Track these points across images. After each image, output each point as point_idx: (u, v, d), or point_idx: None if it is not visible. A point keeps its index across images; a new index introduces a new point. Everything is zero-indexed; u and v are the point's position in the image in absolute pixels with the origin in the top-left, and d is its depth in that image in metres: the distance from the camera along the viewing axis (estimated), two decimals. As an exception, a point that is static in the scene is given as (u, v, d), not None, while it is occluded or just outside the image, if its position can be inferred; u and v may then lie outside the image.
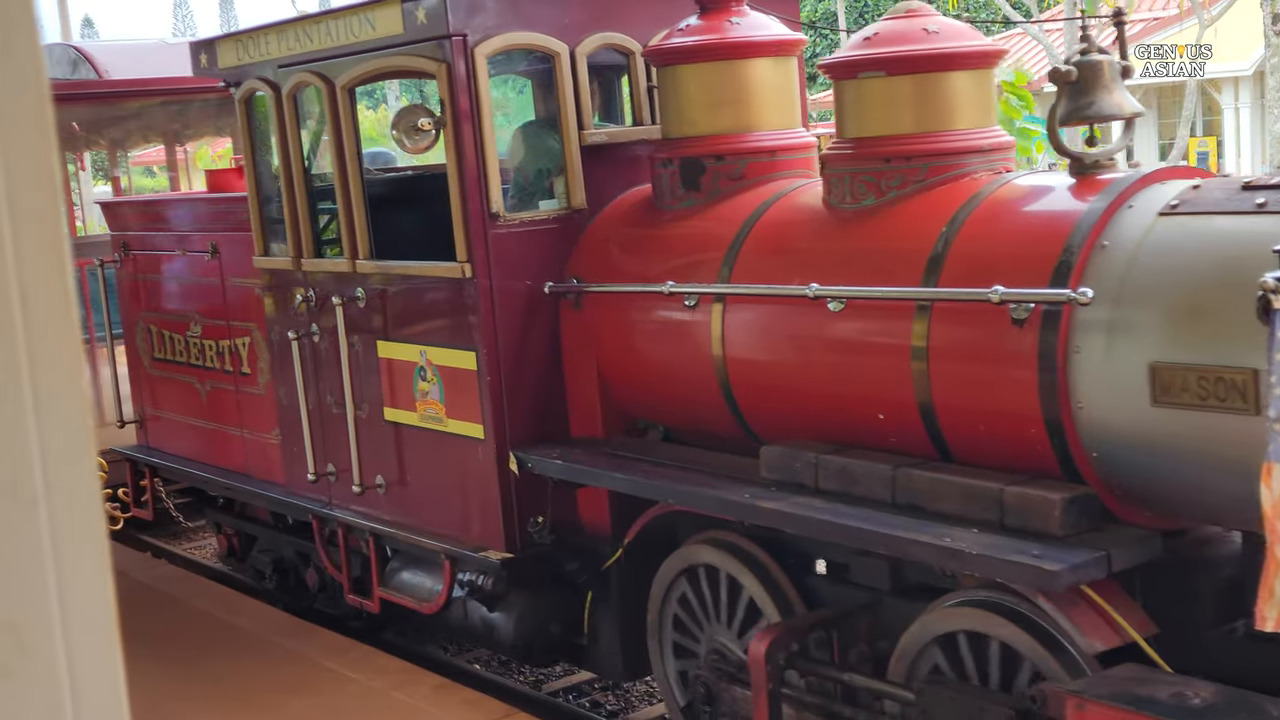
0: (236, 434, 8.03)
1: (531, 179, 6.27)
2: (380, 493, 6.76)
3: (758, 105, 5.74)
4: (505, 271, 5.99)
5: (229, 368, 7.98)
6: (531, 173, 6.30)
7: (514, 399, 6.03)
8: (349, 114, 6.49)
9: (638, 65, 6.33)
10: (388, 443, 6.68)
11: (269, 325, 7.40)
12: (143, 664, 6.64)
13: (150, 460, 8.93)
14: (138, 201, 9.28)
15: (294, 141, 6.87)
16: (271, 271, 7.27)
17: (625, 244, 5.99)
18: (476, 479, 6.15)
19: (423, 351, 6.31)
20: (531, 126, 6.49)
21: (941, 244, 4.67)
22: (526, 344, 6.07)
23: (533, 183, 6.30)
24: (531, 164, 6.31)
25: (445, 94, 5.87)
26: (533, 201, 6.17)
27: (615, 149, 6.25)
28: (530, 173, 6.24)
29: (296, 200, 6.91)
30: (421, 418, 6.40)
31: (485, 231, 5.93)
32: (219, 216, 7.86)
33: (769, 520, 4.80)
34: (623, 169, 6.29)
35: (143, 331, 8.87)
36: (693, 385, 5.57)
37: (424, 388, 6.35)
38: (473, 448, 6.12)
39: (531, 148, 6.35)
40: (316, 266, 6.90)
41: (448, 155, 5.93)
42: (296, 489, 7.41)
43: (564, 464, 5.70)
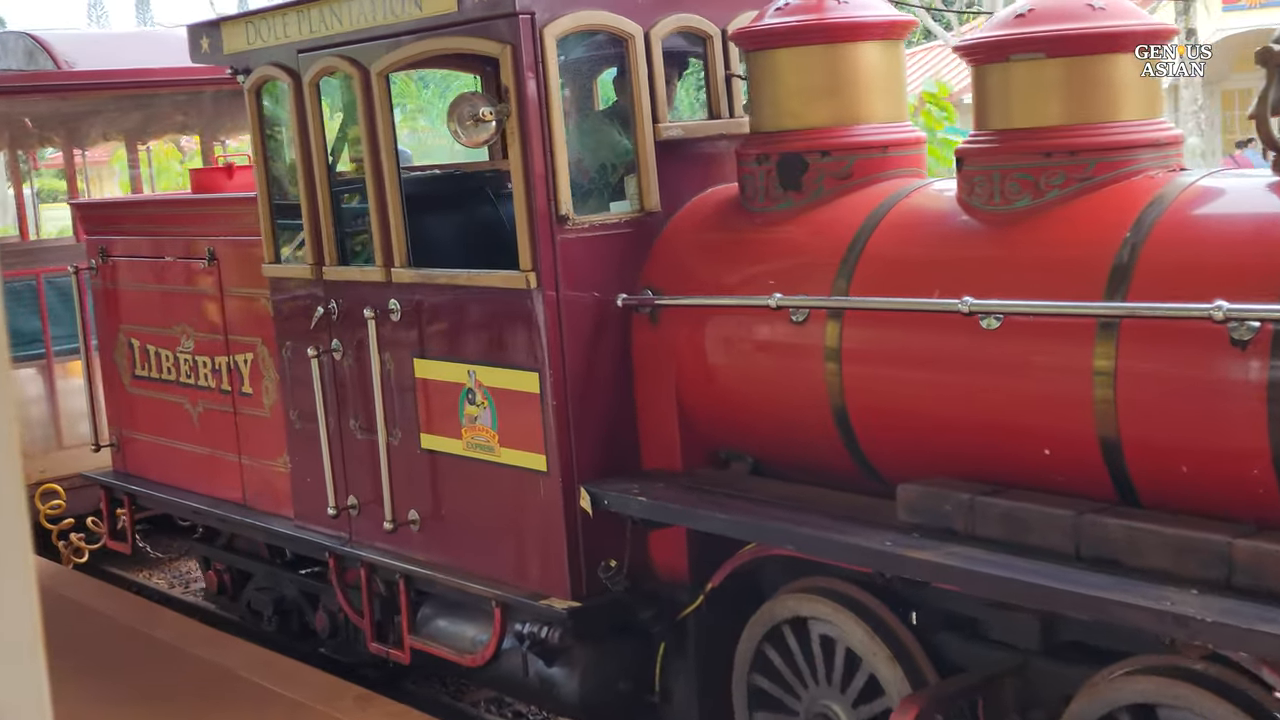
0: (234, 460, 7.25)
1: (592, 178, 5.57)
2: (413, 529, 6.02)
3: (866, 95, 5.07)
4: (573, 281, 5.28)
5: (227, 387, 7.20)
6: (592, 171, 5.59)
7: (581, 426, 5.32)
8: (385, 104, 5.76)
9: (715, 50, 5.64)
10: (423, 473, 5.94)
11: (279, 340, 6.63)
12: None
13: (129, 488, 8.11)
14: (119, 203, 8.47)
15: (317, 135, 6.12)
16: (283, 280, 6.52)
17: (709, 251, 5.30)
18: (536, 516, 5.43)
19: (471, 371, 5.59)
20: (590, 119, 5.78)
21: (1127, 252, 4.02)
22: (595, 364, 5.36)
23: (593, 183, 5.59)
24: (591, 161, 5.60)
25: (510, 79, 5.15)
26: (599, 203, 5.46)
27: (687, 145, 5.56)
28: (590, 171, 5.53)
29: (319, 201, 6.16)
30: (467, 446, 5.67)
31: (553, 236, 5.22)
32: (217, 219, 7.09)
33: (926, 574, 4.13)
34: (696, 167, 5.61)
35: (122, 346, 8.06)
36: (796, 411, 4.89)
37: (472, 412, 5.62)
38: (532, 481, 5.40)
39: (591, 143, 5.65)
40: (341, 275, 6.15)
41: (511, 149, 5.22)
42: (309, 523, 6.65)
43: (649, 502, 5.00)
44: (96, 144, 13.84)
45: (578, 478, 5.30)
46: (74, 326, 9.89)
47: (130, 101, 10.72)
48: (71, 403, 10.01)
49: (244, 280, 6.94)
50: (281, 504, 6.93)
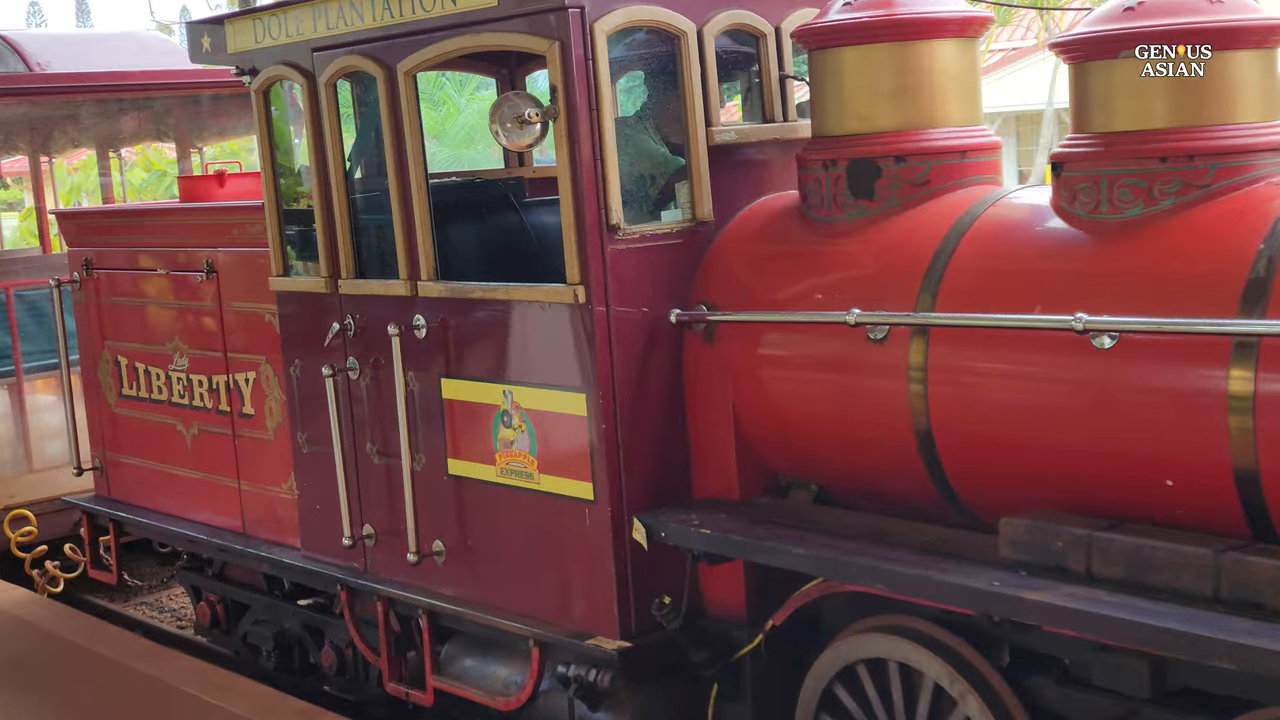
0: (232, 486, 6.81)
1: (632, 186, 5.18)
2: (438, 561, 5.61)
3: (941, 96, 4.73)
4: (623, 296, 4.90)
5: (225, 407, 6.77)
6: (628, 181, 5.19)
7: (631, 452, 4.94)
8: (412, 106, 5.36)
9: (767, 50, 5.28)
10: (450, 502, 5.54)
11: (286, 358, 6.21)
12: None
13: (115, 514, 7.65)
14: (107, 212, 8.01)
15: (334, 139, 5.71)
16: (293, 295, 6.10)
17: (768, 264, 4.93)
18: (580, 548, 5.04)
19: (507, 392, 5.19)
20: (630, 122, 5.40)
21: (1263, 265, 3.68)
22: (645, 385, 4.98)
23: (628, 194, 5.19)
24: (627, 171, 5.20)
25: (558, 78, 4.77)
26: (637, 215, 5.08)
27: (736, 150, 5.20)
28: (631, 179, 5.13)
29: (335, 210, 5.75)
30: (502, 472, 5.27)
31: (603, 247, 4.84)
32: (217, 230, 6.66)
33: (1046, 618, 3.76)
34: (746, 174, 5.25)
35: (107, 364, 7.61)
36: (872, 436, 4.53)
37: (508, 436, 5.22)
38: (576, 511, 5.01)
39: (633, 148, 5.27)
40: (360, 289, 5.74)
41: (559, 153, 4.83)
42: (319, 554, 6.22)
43: (713, 534, 4.61)
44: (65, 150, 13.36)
45: (627, 507, 4.92)
46: (46, 342, 9.47)
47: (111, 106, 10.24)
48: (44, 422, 9.54)
49: (246, 294, 6.52)
50: (286, 533, 6.50)
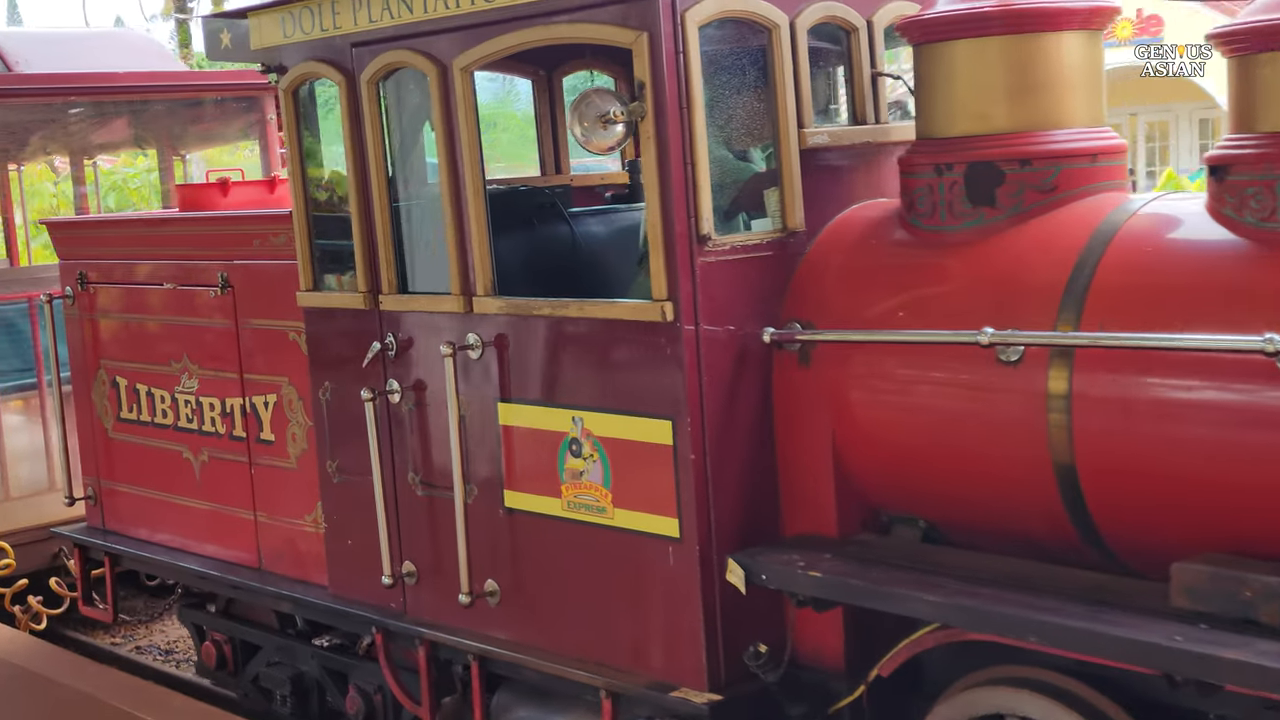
0: (247, 518, 6.31)
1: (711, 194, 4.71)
2: (491, 603, 5.13)
3: (1068, 94, 4.31)
4: (713, 313, 4.45)
5: (240, 433, 6.26)
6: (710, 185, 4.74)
7: (721, 484, 4.48)
8: (469, 105, 4.90)
9: (859, 45, 4.86)
10: (506, 538, 5.06)
11: (315, 380, 5.72)
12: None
13: (112, 547, 7.11)
14: (105, 221, 7.47)
15: (375, 143, 5.24)
16: (324, 312, 5.61)
17: (871, 278, 4.50)
18: (661, 591, 4.58)
19: (577, 419, 4.73)
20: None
21: None
22: (735, 411, 4.53)
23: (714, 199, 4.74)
24: (713, 174, 4.75)
25: (646, 73, 4.32)
26: (735, 222, 4.64)
27: (824, 154, 4.76)
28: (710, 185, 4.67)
29: (376, 220, 5.28)
30: (569, 506, 4.81)
31: (692, 260, 4.39)
32: (235, 241, 6.15)
33: (1252, 681, 3.32)
34: (835, 180, 4.81)
35: (104, 385, 7.08)
36: (999, 469, 4.10)
37: (576, 466, 4.76)
38: (658, 549, 4.55)
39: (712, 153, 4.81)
40: (404, 305, 5.27)
41: (645, 156, 4.38)
42: (350, 593, 5.73)
43: (826, 578, 4.16)
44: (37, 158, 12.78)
45: (717, 545, 4.46)
46: (19, 360, 8.93)
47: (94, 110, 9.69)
48: (18, 446, 8.97)
49: (267, 310, 6.02)
50: (309, 569, 6.00)
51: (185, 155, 10.73)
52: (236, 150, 13.90)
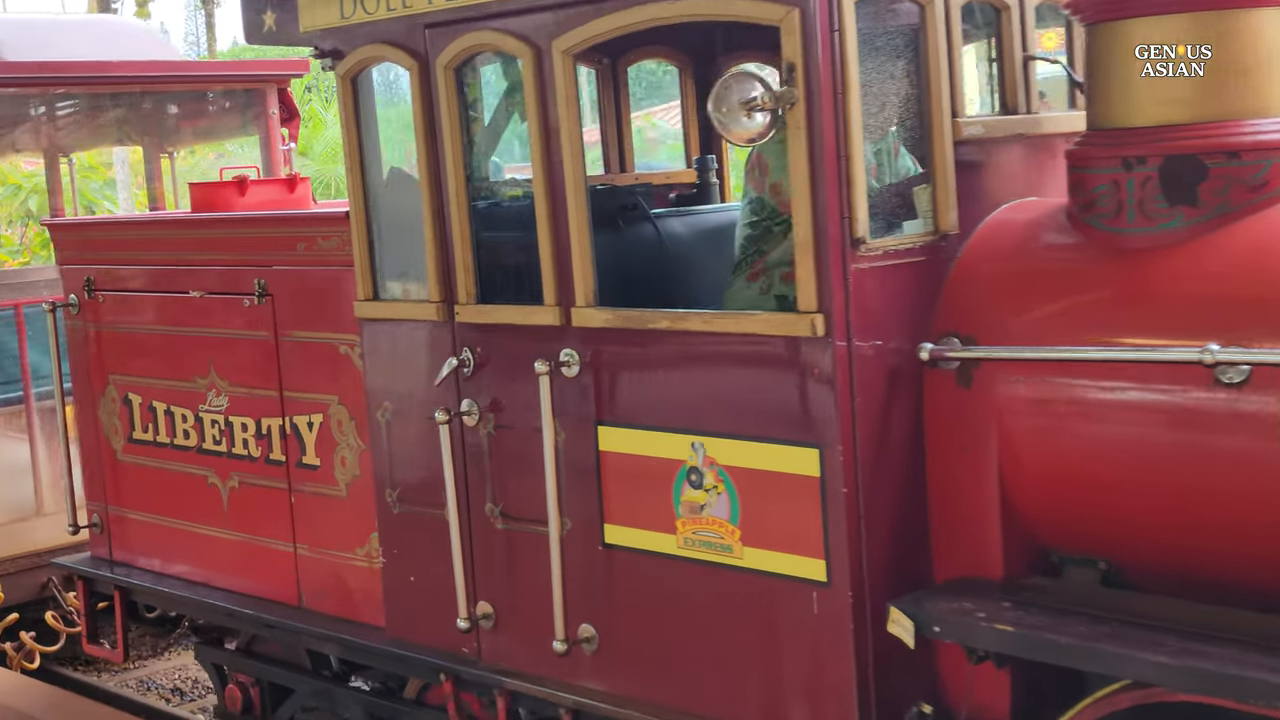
0: (286, 550, 5.71)
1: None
2: (586, 650, 4.58)
3: (1274, 78, 3.82)
4: (867, 327, 3.92)
5: (278, 456, 5.67)
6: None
7: (873, 521, 3.95)
8: (570, 92, 4.35)
9: (1010, 25, 4.35)
10: (604, 577, 4.52)
11: (372, 399, 5.14)
12: None
13: (122, 580, 6.49)
14: (116, 223, 6.83)
15: (453, 135, 4.67)
16: (387, 324, 5.04)
17: (1044, 287, 3.99)
18: (805, 641, 4.04)
19: (698, 445, 4.19)
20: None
21: None
22: (887, 437, 4.00)
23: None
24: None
25: (797, 54, 3.79)
26: (882, 223, 4.11)
27: (973, 147, 4.25)
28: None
29: (452, 221, 4.71)
30: (685, 543, 4.26)
31: (845, 267, 3.86)
32: (276, 244, 5.56)
33: None
34: (983, 176, 4.30)
35: (113, 402, 6.46)
36: (1214, 505, 3.60)
37: (696, 499, 4.22)
38: (800, 594, 4.02)
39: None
40: (485, 317, 4.71)
41: (794, 147, 3.84)
42: (410, 636, 5.16)
43: (1020, 633, 3.63)
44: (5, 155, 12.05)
45: (869, 591, 3.93)
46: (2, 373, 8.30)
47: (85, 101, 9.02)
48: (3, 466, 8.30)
49: (313, 321, 5.44)
50: (360, 608, 5.42)
51: (173, 152, 10.06)
52: (228, 147, 13.21)
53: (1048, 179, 4.34)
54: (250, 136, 9.40)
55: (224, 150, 13.54)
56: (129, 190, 20.16)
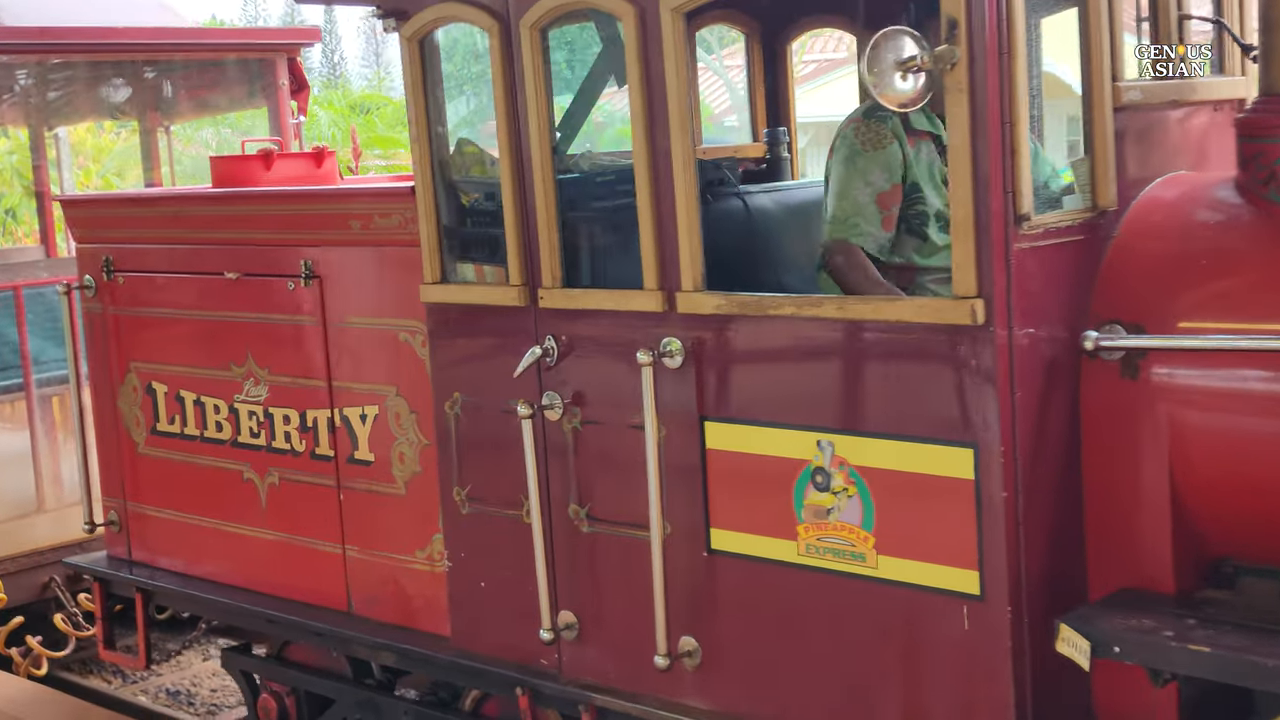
0: (334, 552, 5.29)
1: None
2: (687, 665, 4.19)
3: None
4: (1028, 313, 3.54)
5: (325, 451, 5.25)
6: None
7: (1031, 528, 3.58)
8: (681, 56, 3.94)
9: (1163, -18, 3.98)
10: (708, 585, 4.13)
11: (438, 391, 4.73)
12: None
13: (144, 582, 6.05)
14: (138, 199, 6.36)
15: (539, 103, 4.25)
16: (456, 309, 4.63)
17: (1221, 269, 3.62)
18: (952, 660, 3.66)
19: (825, 443, 3.80)
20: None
21: None
22: (1044, 436, 3.63)
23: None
24: None
25: (958, 9, 3.39)
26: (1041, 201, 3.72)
27: (1127, 115, 3.87)
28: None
29: (537, 197, 4.30)
30: (808, 550, 3.88)
31: (1008, 246, 3.47)
32: (326, 222, 5.12)
33: None
34: (1138, 147, 3.92)
35: (134, 392, 6.02)
36: None
37: (822, 503, 3.83)
38: (946, 609, 3.64)
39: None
40: (573, 302, 4.30)
41: (953, 113, 3.46)
42: (480, 647, 4.76)
43: (1221, 655, 3.26)
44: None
45: (1028, 606, 3.56)
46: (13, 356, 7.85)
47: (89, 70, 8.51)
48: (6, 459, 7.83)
49: (368, 306, 5.02)
50: (420, 615, 5.02)
51: (170, 126, 9.57)
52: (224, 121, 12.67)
53: (1202, 149, 3.97)
54: (256, 109, 8.92)
55: (219, 125, 13.01)
56: (70, 170, 19.61)
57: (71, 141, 13.48)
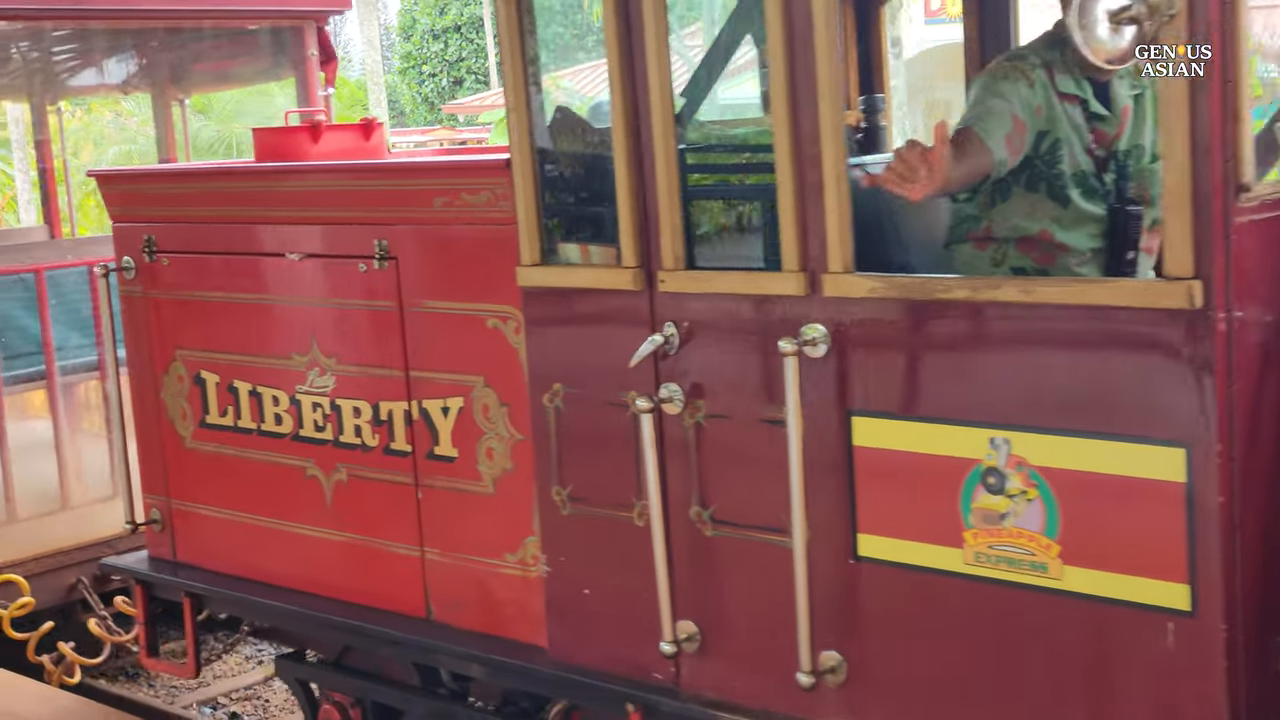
0: (411, 554, 4.91)
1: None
2: (831, 683, 3.82)
3: None
4: (1245, 295, 3.17)
5: (402, 446, 4.85)
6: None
7: (1245, 537, 3.21)
8: (831, 9, 3.54)
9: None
10: (853, 596, 3.76)
11: (535, 382, 4.34)
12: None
13: (196, 586, 5.65)
14: (183, 173, 5.92)
15: (659, 62, 3.85)
16: (558, 293, 4.23)
17: None
18: (1151, 684, 3.29)
19: (1000, 441, 3.42)
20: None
21: None
22: (1258, 434, 3.25)
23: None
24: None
25: (1183, -49, 3.01)
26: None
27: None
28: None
29: (657, 168, 3.90)
30: (978, 559, 3.51)
31: (1227, 221, 3.09)
32: (404, 198, 4.71)
33: None
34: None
35: (180, 382, 5.61)
36: None
37: (995, 506, 3.45)
38: (1146, 626, 3.27)
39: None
40: (698, 285, 3.91)
41: (1170, 70, 3.07)
42: (583, 659, 4.38)
43: None
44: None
45: (1243, 623, 3.20)
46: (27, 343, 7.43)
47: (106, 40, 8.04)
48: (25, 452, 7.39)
49: (452, 289, 4.62)
50: (512, 623, 4.64)
51: (185, 100, 9.10)
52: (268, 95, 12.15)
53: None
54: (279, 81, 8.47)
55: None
56: (24, 149, 19.08)
57: (26, 122, 12.98)
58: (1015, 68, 3.93)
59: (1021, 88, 3.87)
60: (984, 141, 3.77)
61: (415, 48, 36.04)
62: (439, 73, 34.23)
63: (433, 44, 34.13)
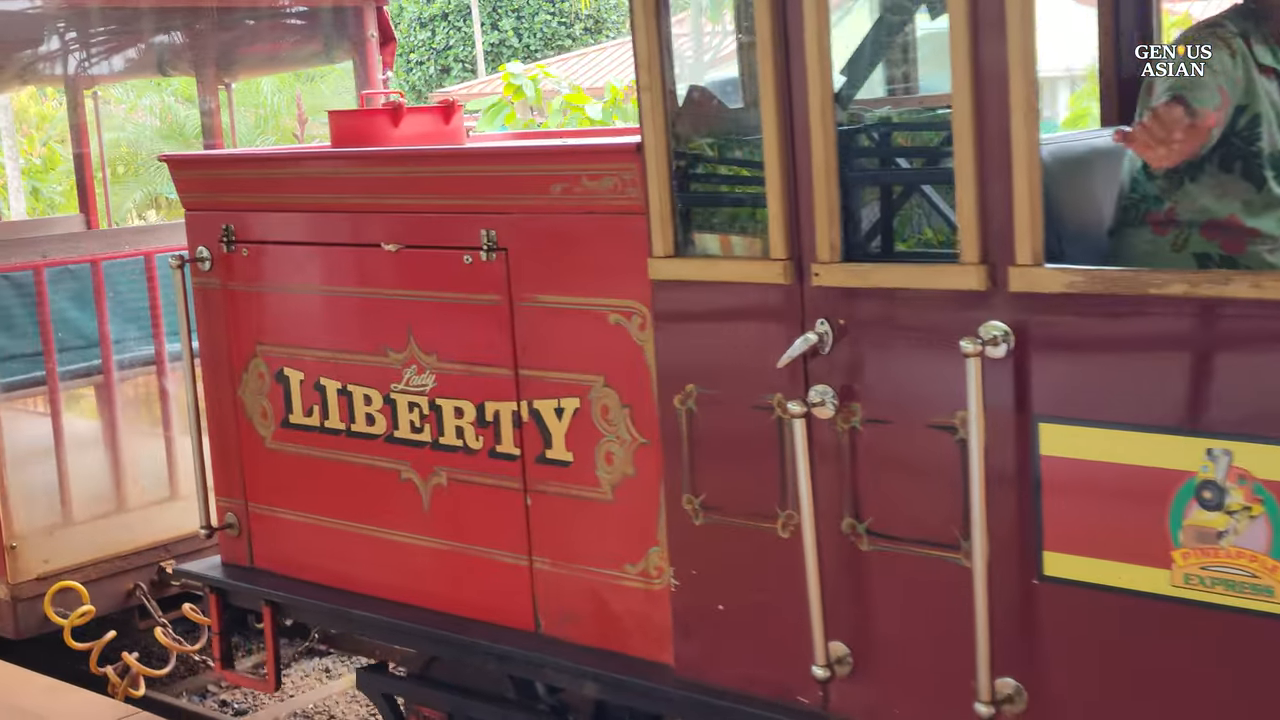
0: (519, 564, 4.60)
1: None
2: (1009, 713, 3.50)
3: None
4: None
5: (510, 449, 4.54)
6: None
7: None
8: (1024, -29, 3.22)
9: None
10: (1038, 618, 3.44)
11: (665, 383, 4.02)
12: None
13: (275, 595, 5.35)
14: (266, 158, 5.58)
15: (818, 40, 3.52)
16: (694, 286, 3.91)
17: None
18: (1393, 720, 2.98)
19: (1219, 452, 3.10)
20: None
21: None
22: None
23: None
24: None
25: None
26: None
27: None
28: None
29: (814, 153, 3.57)
30: (1187, 581, 3.19)
31: None
32: (517, 185, 4.39)
33: None
34: None
35: (261, 379, 5.30)
36: None
37: (1210, 524, 3.14)
38: (1390, 656, 2.95)
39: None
40: (855, 279, 3.59)
41: None
42: (717, 678, 4.07)
43: None
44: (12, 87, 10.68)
45: None
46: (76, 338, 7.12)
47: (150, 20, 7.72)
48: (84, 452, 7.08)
49: (568, 283, 4.30)
50: (632, 639, 4.33)
51: (231, 84, 8.77)
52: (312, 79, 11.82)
53: None
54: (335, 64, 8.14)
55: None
56: (13, 138, 18.76)
57: (14, 109, 12.65)
58: (1216, 35, 3.61)
59: (1224, 57, 3.56)
60: (1201, 112, 3.45)
61: (403, 36, 35.68)
62: (426, 61, 33.79)
63: (420, 32, 33.66)
